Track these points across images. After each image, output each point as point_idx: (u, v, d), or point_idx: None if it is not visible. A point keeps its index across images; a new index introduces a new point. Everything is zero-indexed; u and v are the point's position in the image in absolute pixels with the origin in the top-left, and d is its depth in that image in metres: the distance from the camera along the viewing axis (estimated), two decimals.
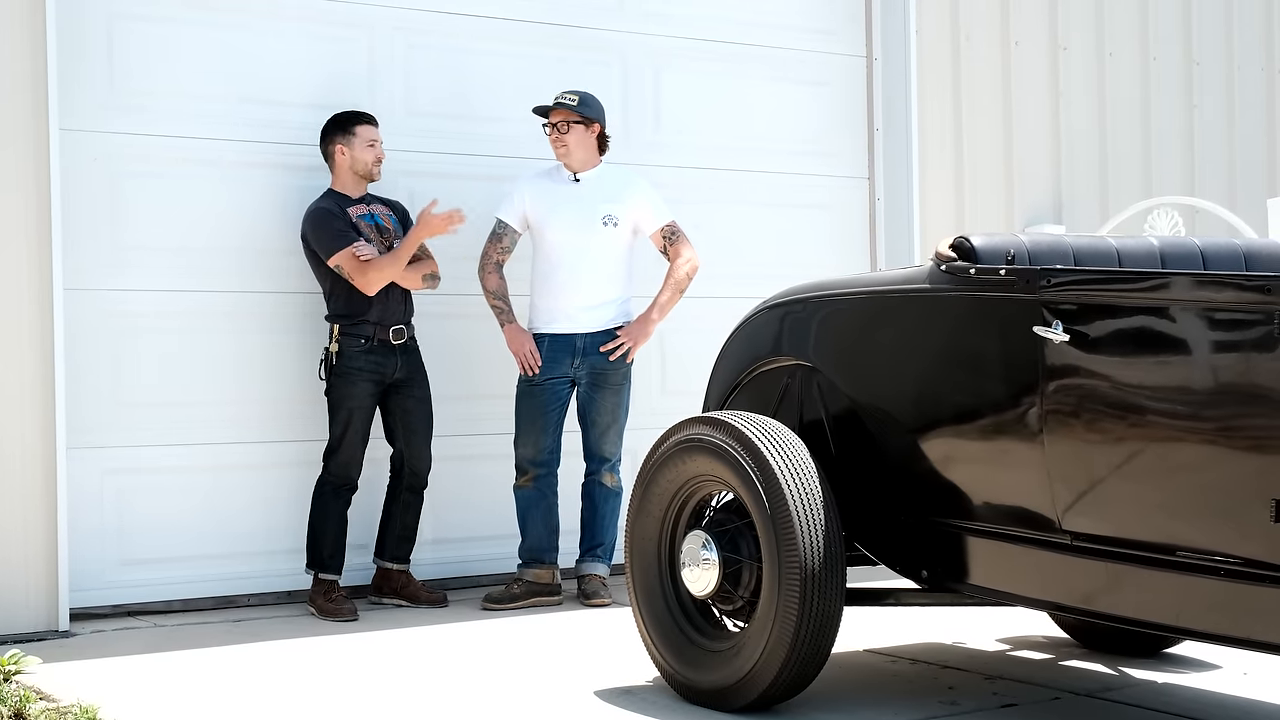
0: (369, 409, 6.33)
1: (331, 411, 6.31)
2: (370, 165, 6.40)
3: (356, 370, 6.27)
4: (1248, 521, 3.60)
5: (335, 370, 6.28)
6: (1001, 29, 8.06)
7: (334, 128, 6.39)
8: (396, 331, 6.34)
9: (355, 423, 6.29)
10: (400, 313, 6.38)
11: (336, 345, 6.28)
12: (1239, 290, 3.65)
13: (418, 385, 6.44)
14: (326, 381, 6.31)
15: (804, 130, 7.76)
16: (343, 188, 6.41)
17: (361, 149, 6.38)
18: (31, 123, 5.87)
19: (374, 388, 6.32)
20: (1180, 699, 4.71)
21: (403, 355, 6.38)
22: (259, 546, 6.49)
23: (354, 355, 6.28)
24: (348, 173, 6.39)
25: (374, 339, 6.29)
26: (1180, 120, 8.64)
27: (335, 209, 6.32)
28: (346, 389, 6.27)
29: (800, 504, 4.33)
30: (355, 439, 6.30)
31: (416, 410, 6.43)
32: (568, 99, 6.54)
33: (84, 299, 6.17)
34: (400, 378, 6.37)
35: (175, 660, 5.44)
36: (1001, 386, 4.19)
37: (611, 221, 6.53)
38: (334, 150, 6.37)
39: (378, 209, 6.46)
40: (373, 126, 6.43)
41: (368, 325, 6.29)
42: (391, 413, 6.41)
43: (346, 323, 6.29)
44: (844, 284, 4.84)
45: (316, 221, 6.28)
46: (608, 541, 6.59)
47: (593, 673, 5.10)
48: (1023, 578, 4.20)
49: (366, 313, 6.29)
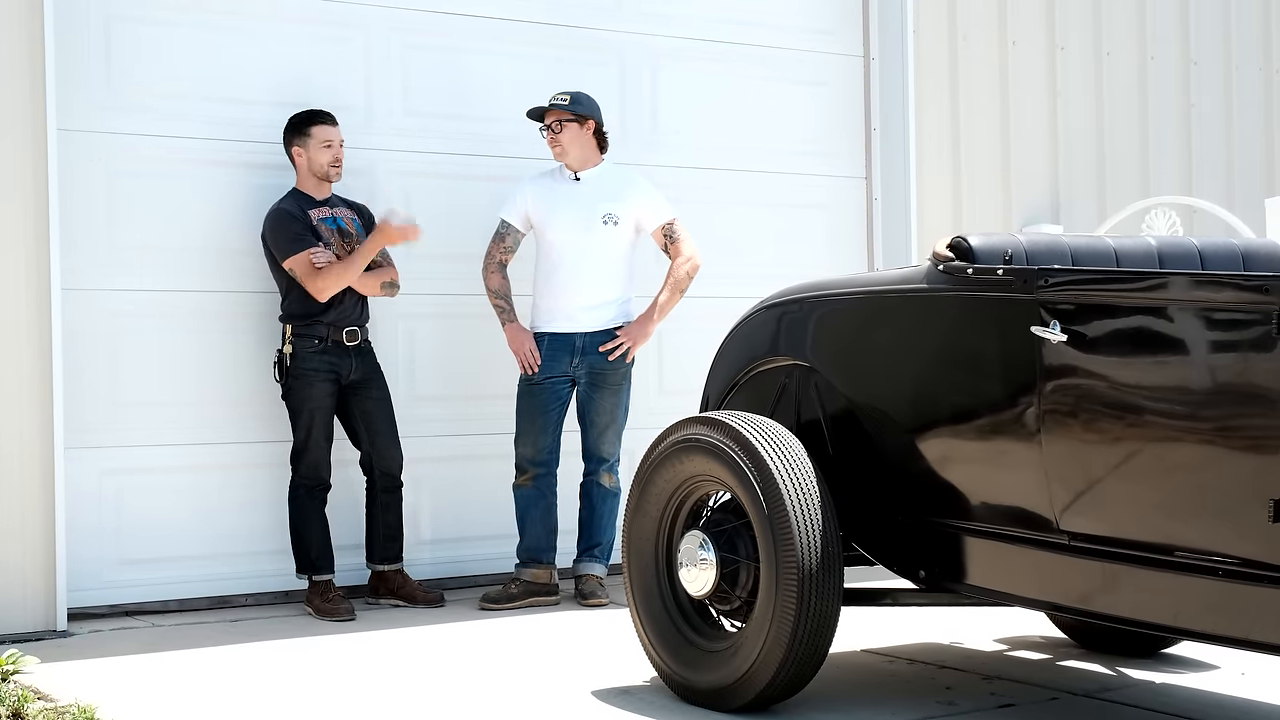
0: (329, 408, 6.31)
1: (293, 415, 6.30)
2: (326, 166, 6.34)
3: (313, 371, 6.26)
4: (1245, 521, 3.60)
5: (291, 373, 6.27)
6: (999, 29, 8.06)
7: (290, 129, 6.36)
8: (350, 333, 6.32)
9: (318, 423, 6.28)
10: (354, 315, 6.36)
11: (290, 347, 6.26)
12: (1237, 290, 3.65)
13: (375, 386, 6.42)
14: (283, 385, 6.30)
15: (801, 130, 7.76)
16: (305, 189, 6.38)
17: (317, 150, 6.32)
18: (29, 123, 5.87)
19: (332, 387, 6.30)
20: (1178, 699, 4.72)
21: (357, 356, 6.36)
22: (256, 547, 6.49)
23: (308, 356, 6.26)
24: (307, 174, 6.36)
25: (328, 339, 6.27)
26: (1178, 120, 8.64)
27: (296, 211, 6.29)
28: (305, 391, 6.26)
29: (797, 504, 4.33)
30: (320, 439, 6.29)
31: (376, 410, 6.41)
32: (559, 99, 6.54)
33: (82, 299, 6.17)
34: (356, 379, 6.36)
35: (173, 660, 5.44)
36: (999, 387, 4.19)
37: (612, 220, 6.53)
38: (293, 152, 6.35)
39: (341, 212, 6.43)
40: (330, 126, 6.35)
41: (321, 326, 6.26)
42: (352, 416, 6.39)
43: (300, 323, 6.26)
44: (841, 284, 4.84)
45: (275, 223, 6.26)
46: (605, 541, 6.59)
47: (590, 673, 5.10)
48: (1020, 578, 4.20)
49: (321, 314, 6.26)
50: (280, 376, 6.30)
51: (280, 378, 6.30)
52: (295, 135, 6.35)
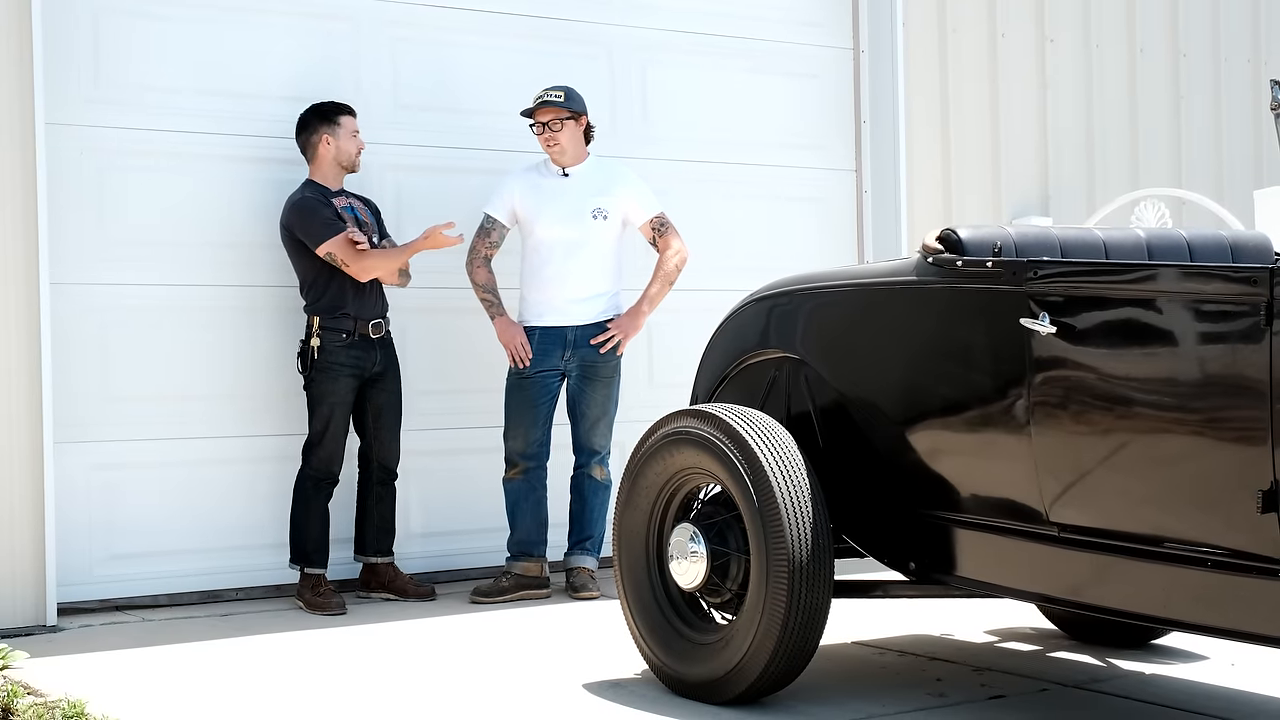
0: (350, 403, 6.32)
1: (312, 406, 6.30)
2: (353, 156, 6.39)
3: (339, 366, 6.27)
4: (1234, 513, 3.61)
5: (317, 365, 6.26)
6: (988, 21, 8.06)
7: (318, 118, 6.36)
8: (375, 325, 6.33)
9: (337, 417, 6.28)
10: (377, 306, 6.38)
11: (318, 339, 6.26)
12: (1225, 282, 3.65)
13: (391, 379, 6.44)
14: (307, 376, 6.30)
15: (791, 123, 7.76)
16: (323, 179, 6.38)
17: (347, 139, 6.37)
18: (18, 117, 5.86)
19: (355, 382, 6.31)
20: (1168, 690, 4.72)
21: (380, 349, 6.37)
22: (246, 541, 6.49)
23: (336, 350, 6.27)
24: (331, 164, 6.36)
25: (355, 333, 6.28)
26: (1167, 112, 8.65)
27: (322, 199, 6.31)
28: (329, 384, 6.26)
29: (788, 497, 4.33)
30: (337, 433, 6.29)
31: (388, 404, 6.42)
32: (554, 96, 6.52)
33: (71, 293, 6.16)
34: (378, 371, 6.37)
35: (163, 655, 5.44)
36: (988, 379, 4.19)
37: (601, 214, 6.53)
38: (319, 140, 6.35)
39: (355, 203, 6.45)
40: (354, 118, 6.42)
41: (348, 319, 6.27)
42: (364, 407, 6.40)
43: (327, 316, 6.27)
44: (831, 276, 4.84)
45: (304, 210, 6.26)
46: (596, 535, 6.59)
47: (581, 666, 5.10)
48: (1010, 569, 4.21)
49: (346, 306, 6.28)
50: (305, 368, 6.30)
51: (305, 369, 6.30)
52: (324, 124, 6.34)
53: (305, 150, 6.38)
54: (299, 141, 6.39)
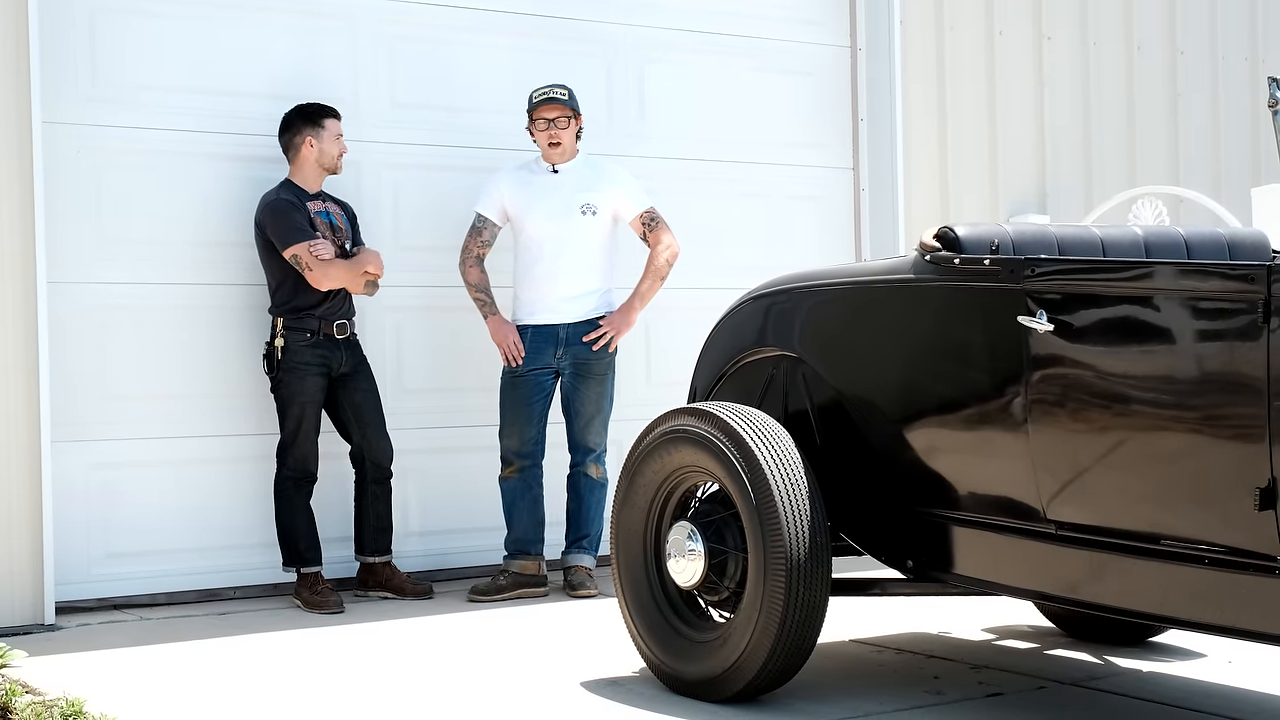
0: (319, 402, 6.32)
1: (282, 407, 6.30)
2: (335, 159, 6.38)
3: (305, 365, 6.26)
4: (1231, 510, 3.61)
5: (283, 365, 6.26)
6: (986, 19, 8.06)
7: (302, 119, 6.35)
8: (340, 326, 6.33)
9: (308, 416, 6.28)
10: (342, 308, 6.37)
11: (282, 339, 6.26)
12: (1223, 279, 3.66)
13: (363, 378, 6.43)
14: (274, 378, 6.30)
15: (789, 121, 7.76)
16: (302, 181, 6.37)
17: (330, 142, 6.35)
18: (14, 116, 5.85)
19: (323, 381, 6.31)
20: (1165, 687, 4.73)
21: (346, 349, 6.37)
22: (244, 540, 6.48)
23: (301, 350, 6.26)
24: (312, 166, 6.36)
25: (319, 332, 6.28)
26: (1164, 110, 8.65)
27: (297, 202, 6.30)
28: (297, 384, 6.26)
29: (785, 495, 4.33)
30: (309, 432, 6.30)
31: (366, 402, 6.42)
32: (559, 93, 6.52)
33: (68, 292, 6.16)
34: (346, 371, 6.37)
35: (161, 653, 5.43)
36: (986, 376, 4.19)
37: (590, 210, 6.53)
38: (302, 141, 6.34)
39: (332, 207, 6.44)
40: (339, 120, 6.41)
41: (313, 319, 6.27)
42: (342, 408, 6.40)
43: (292, 316, 6.26)
44: (829, 275, 4.84)
45: (276, 211, 6.25)
46: (593, 533, 6.59)
47: (579, 664, 5.10)
48: (1008, 567, 4.21)
49: (312, 307, 6.27)
50: (270, 369, 6.30)
51: (270, 370, 6.30)
52: (308, 125, 6.34)
53: (287, 150, 6.37)
54: (281, 141, 6.37)
